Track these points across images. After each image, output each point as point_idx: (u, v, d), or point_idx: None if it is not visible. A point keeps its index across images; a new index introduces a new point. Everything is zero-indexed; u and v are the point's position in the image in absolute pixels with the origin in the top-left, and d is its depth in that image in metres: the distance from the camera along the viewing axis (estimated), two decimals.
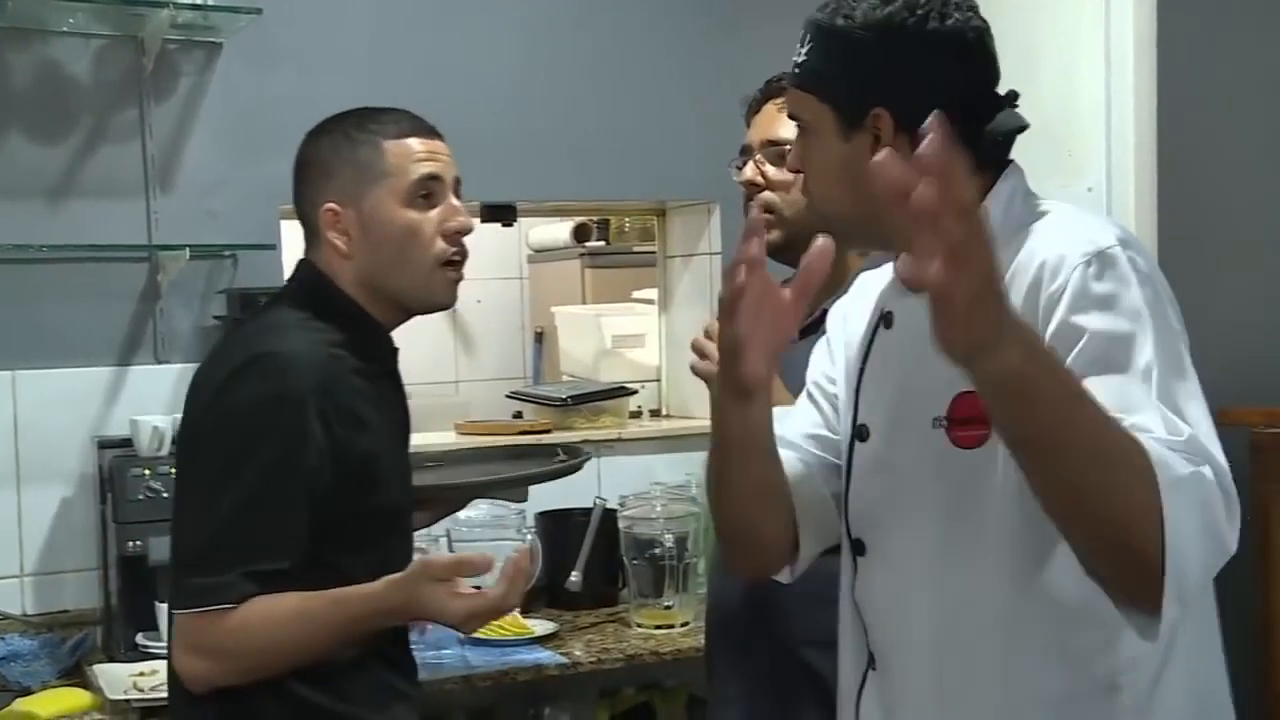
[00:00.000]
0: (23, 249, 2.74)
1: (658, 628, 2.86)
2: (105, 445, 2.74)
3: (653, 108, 3.33)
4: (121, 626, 2.65)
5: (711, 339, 1.79)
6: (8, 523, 2.77)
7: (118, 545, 2.62)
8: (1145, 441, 1.18)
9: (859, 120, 1.43)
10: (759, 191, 2.09)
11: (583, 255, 4.54)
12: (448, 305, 1.96)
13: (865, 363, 1.55)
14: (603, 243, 4.64)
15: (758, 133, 2.14)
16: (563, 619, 2.93)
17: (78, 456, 2.80)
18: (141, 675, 2.43)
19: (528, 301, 4.96)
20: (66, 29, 2.81)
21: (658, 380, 3.74)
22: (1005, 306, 1.10)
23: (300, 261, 1.97)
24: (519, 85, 3.21)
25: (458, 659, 2.67)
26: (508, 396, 3.77)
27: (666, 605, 2.88)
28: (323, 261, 1.92)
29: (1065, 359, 1.26)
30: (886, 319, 1.52)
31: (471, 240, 1.96)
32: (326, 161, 1.91)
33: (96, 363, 2.84)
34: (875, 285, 1.59)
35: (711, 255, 3.42)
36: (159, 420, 2.61)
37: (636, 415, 3.62)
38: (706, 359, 1.83)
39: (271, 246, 2.89)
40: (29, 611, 2.76)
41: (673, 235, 3.64)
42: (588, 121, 3.28)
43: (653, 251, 3.78)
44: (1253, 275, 3.22)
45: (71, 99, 2.84)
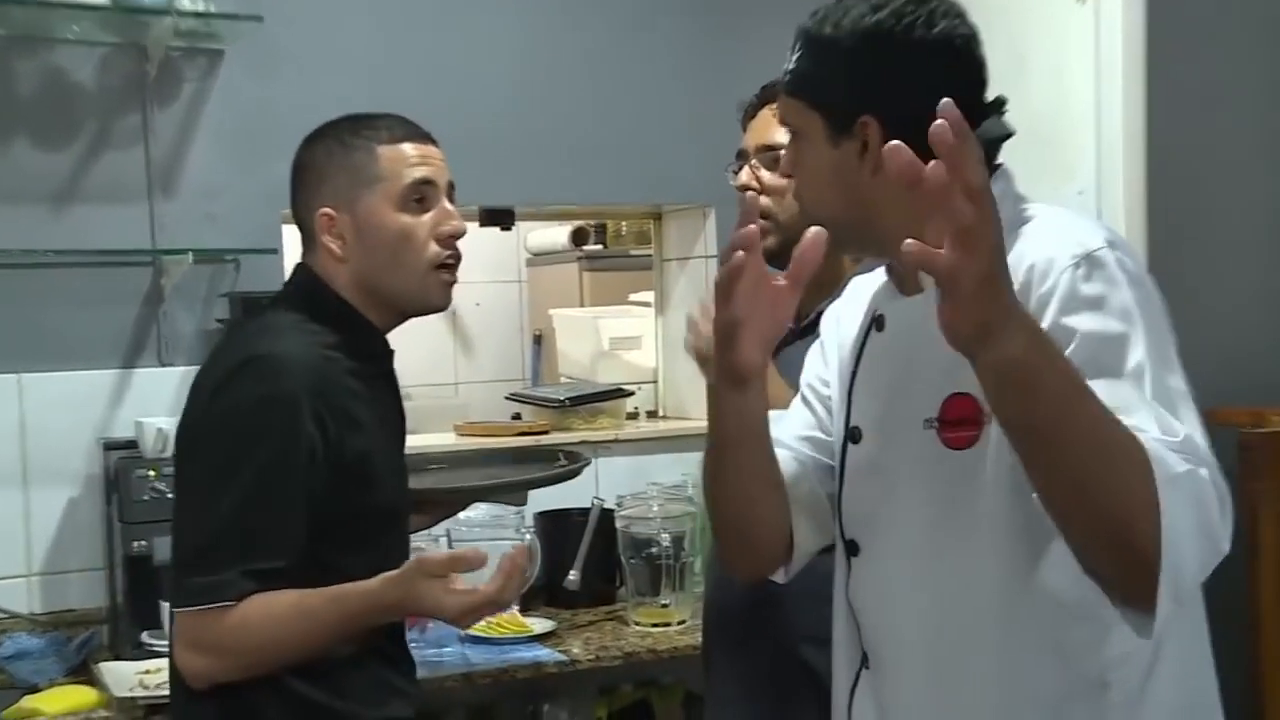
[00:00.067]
0: (29, 254, 2.76)
1: (655, 626, 2.87)
2: (110, 446, 2.76)
3: (649, 113, 3.34)
4: (127, 625, 2.66)
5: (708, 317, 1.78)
6: (15, 523, 2.78)
7: (123, 545, 2.64)
8: (1143, 439, 1.18)
9: (848, 127, 1.43)
10: (758, 200, 2.07)
11: (580, 258, 4.54)
12: (442, 307, 1.97)
13: (858, 365, 1.55)
14: (600, 246, 4.64)
15: (753, 138, 2.13)
16: (561, 617, 2.94)
17: (83, 458, 2.81)
18: (147, 673, 2.44)
19: (526, 304, 4.95)
20: (71, 37, 2.81)
21: (654, 382, 3.74)
22: (1010, 292, 1.10)
23: (297, 265, 1.99)
24: (517, 90, 3.22)
25: (458, 657, 2.68)
26: (507, 398, 3.77)
27: (663, 603, 2.89)
28: (318, 265, 1.93)
29: None
30: (878, 322, 1.52)
31: (470, 244, 1.97)
32: (321, 167, 1.92)
33: (101, 365, 2.85)
34: (867, 289, 1.59)
35: (707, 258, 3.43)
36: (163, 422, 2.61)
37: (634, 416, 3.62)
38: (701, 338, 1.81)
39: (273, 250, 2.90)
40: (36, 610, 2.77)
41: (669, 239, 3.64)
42: (585, 126, 3.29)
43: (649, 255, 3.79)
44: (1241, 276, 3.22)
45: (76, 105, 2.85)
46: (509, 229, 3.42)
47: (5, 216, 2.77)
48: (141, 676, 2.44)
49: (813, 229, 1.34)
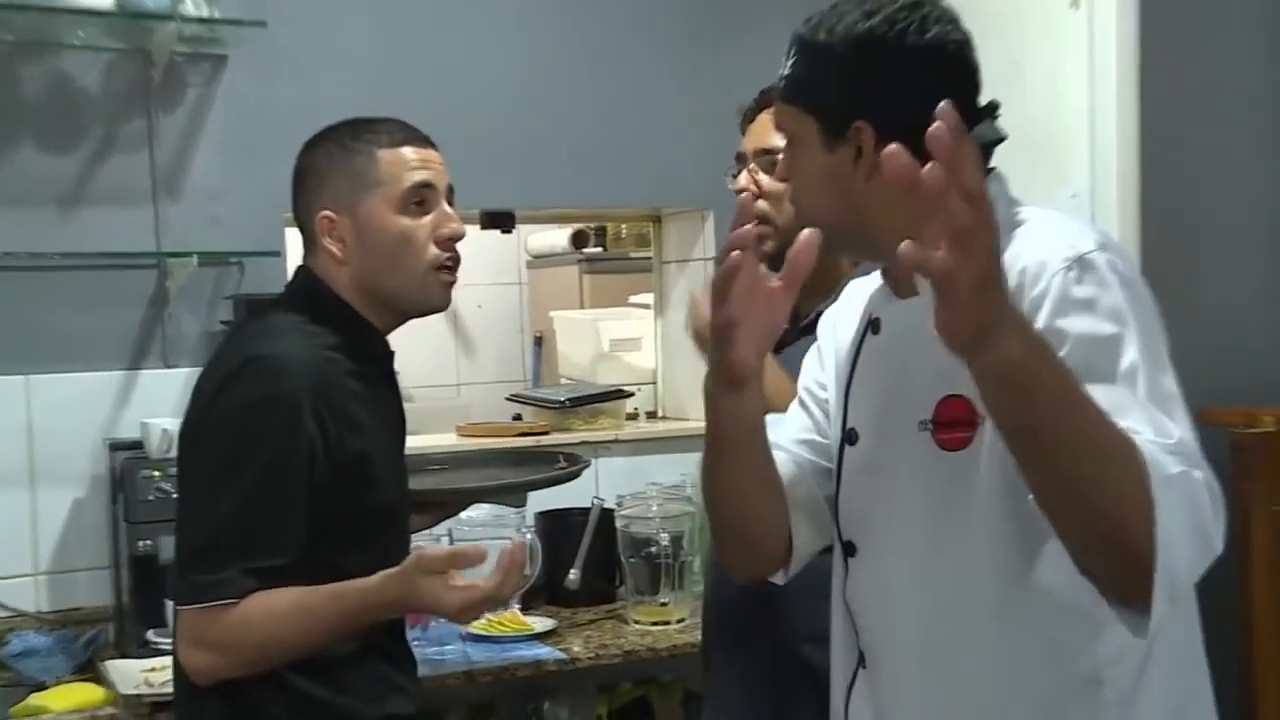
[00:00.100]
0: (35, 256, 2.76)
1: (654, 624, 2.88)
2: (116, 447, 2.77)
3: (648, 117, 3.35)
4: (133, 623, 2.67)
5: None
6: (22, 523, 2.79)
7: (129, 544, 2.64)
8: (1138, 440, 1.18)
9: (842, 132, 1.43)
10: (753, 200, 2.11)
11: (581, 261, 4.55)
12: (443, 307, 1.97)
13: (854, 368, 1.55)
14: (600, 249, 4.64)
15: (752, 141, 2.14)
16: (562, 616, 2.95)
17: (89, 458, 2.82)
18: (153, 670, 2.44)
19: (527, 306, 4.96)
20: (77, 43, 2.83)
21: (654, 383, 3.76)
22: (1006, 295, 1.10)
23: (298, 267, 2.00)
24: (517, 95, 3.23)
25: (459, 655, 2.69)
26: (508, 399, 3.77)
27: (663, 602, 2.90)
28: (320, 267, 1.94)
29: None
30: (874, 325, 1.53)
31: (472, 246, 1.97)
32: (322, 170, 1.93)
33: (107, 367, 2.87)
34: (863, 292, 1.60)
35: (706, 261, 3.44)
36: (168, 423, 2.60)
37: (633, 417, 3.63)
38: (701, 320, 1.80)
39: (276, 253, 2.90)
40: (43, 609, 2.79)
41: (668, 241, 3.66)
42: (585, 130, 3.30)
43: (649, 257, 3.80)
44: (1234, 278, 3.21)
45: (82, 110, 2.86)
46: (509, 232, 3.43)
47: (12, 220, 2.79)
48: (147, 674, 2.45)
49: (806, 231, 1.34)
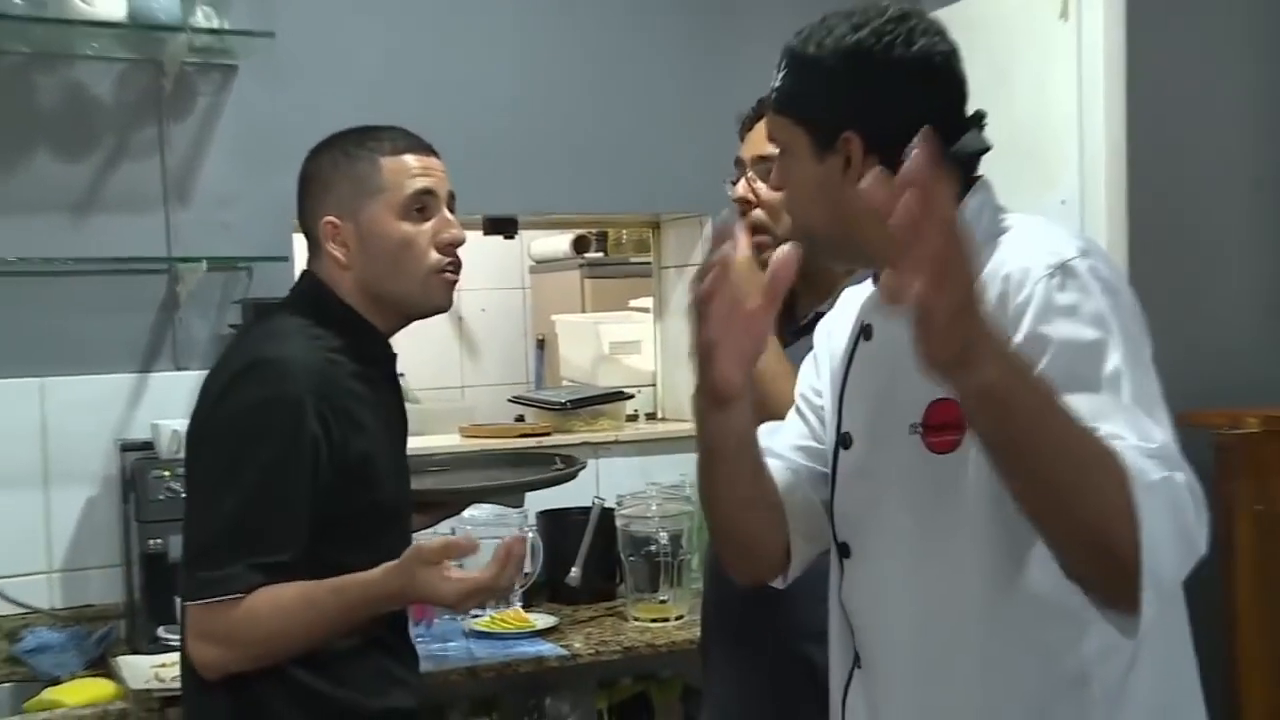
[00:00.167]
0: (49, 262, 2.80)
1: (654, 621, 2.91)
2: (127, 448, 2.80)
3: (648, 125, 3.38)
4: (144, 620, 2.70)
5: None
6: (36, 522, 2.82)
7: (140, 543, 2.68)
8: (1119, 447, 1.18)
9: (831, 143, 1.45)
10: (751, 208, 2.08)
11: (582, 266, 4.56)
12: (445, 307, 2.00)
13: (847, 374, 1.57)
14: (601, 254, 4.65)
15: (750, 149, 2.12)
16: (563, 613, 2.98)
17: (102, 459, 2.85)
18: (163, 666, 2.46)
19: (530, 310, 4.98)
20: (90, 53, 2.86)
21: (653, 385, 3.78)
22: (984, 321, 1.10)
23: (303, 272, 2.02)
24: (519, 104, 3.26)
25: (462, 651, 2.72)
26: (510, 401, 3.79)
27: (662, 600, 2.93)
28: (323, 272, 1.97)
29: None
30: (866, 331, 1.54)
31: (476, 252, 2.01)
32: (326, 177, 1.95)
33: (119, 369, 2.89)
34: (857, 299, 1.61)
35: None
36: (178, 424, 2.56)
37: (633, 418, 3.65)
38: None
39: (284, 258, 2.92)
40: (57, 606, 2.81)
41: (667, 246, 3.68)
42: (586, 139, 3.33)
43: (648, 262, 3.82)
44: (1219, 282, 3.25)
45: (94, 119, 2.89)
46: (512, 237, 3.47)
47: (27, 226, 2.82)
48: (157, 670, 2.47)
49: (783, 248, 1.37)
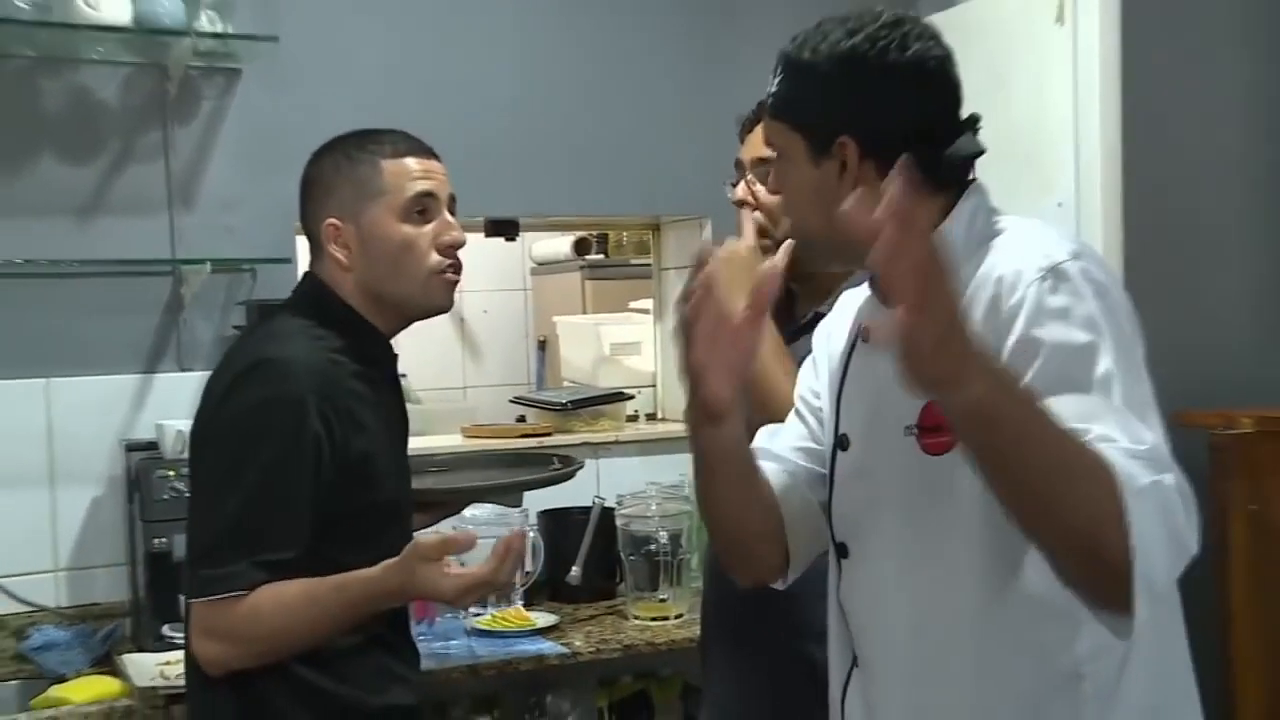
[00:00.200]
0: (55, 264, 2.81)
1: (653, 619, 2.92)
2: (132, 448, 2.82)
3: (647, 128, 3.40)
4: (149, 618, 2.71)
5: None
6: (43, 521, 2.84)
7: (145, 542, 2.69)
8: (1108, 452, 1.19)
9: (826, 148, 1.46)
10: (751, 210, 2.08)
11: (583, 268, 4.58)
12: (446, 307, 2.01)
13: (845, 375, 1.58)
14: (602, 256, 4.67)
15: (749, 151, 2.13)
16: (563, 611, 3.00)
17: (107, 459, 2.87)
18: (168, 664, 2.47)
19: (531, 311, 5.00)
20: (95, 57, 2.87)
21: (653, 386, 3.80)
22: (969, 343, 1.11)
23: (305, 273, 2.04)
24: (520, 107, 3.27)
25: (464, 649, 2.74)
26: (512, 401, 3.80)
27: (661, 598, 2.94)
28: (325, 273, 1.98)
29: (1026, 372, 1.27)
30: (864, 333, 1.53)
31: (477, 254, 2.02)
32: (328, 180, 1.96)
33: (124, 370, 2.91)
34: (854, 303, 1.63)
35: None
36: (183, 424, 2.55)
37: (633, 419, 3.66)
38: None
39: (287, 260, 2.94)
40: (63, 604, 2.83)
41: (667, 248, 3.69)
42: (586, 141, 3.34)
43: (649, 264, 3.84)
44: (1213, 283, 3.26)
45: (100, 123, 2.91)
46: (514, 239, 3.48)
47: (33, 229, 2.83)
48: (162, 667, 2.48)
49: (767, 263, 1.39)
